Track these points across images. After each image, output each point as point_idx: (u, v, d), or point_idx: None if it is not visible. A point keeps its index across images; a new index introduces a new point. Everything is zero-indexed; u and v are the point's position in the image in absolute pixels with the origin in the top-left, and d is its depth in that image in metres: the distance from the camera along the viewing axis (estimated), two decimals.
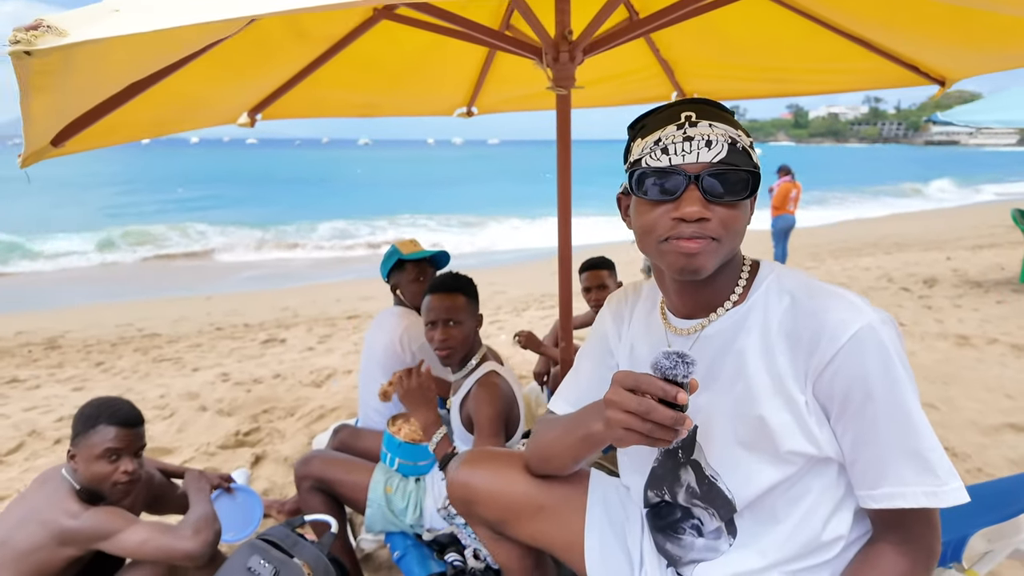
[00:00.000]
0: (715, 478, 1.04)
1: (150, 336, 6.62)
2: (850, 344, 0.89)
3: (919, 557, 0.93)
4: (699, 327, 1.04)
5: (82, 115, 1.54)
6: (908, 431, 0.89)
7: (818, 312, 0.92)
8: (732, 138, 0.93)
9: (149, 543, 1.55)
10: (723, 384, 1.01)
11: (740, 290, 1.02)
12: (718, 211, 0.92)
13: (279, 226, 17.84)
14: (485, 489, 1.28)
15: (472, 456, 1.36)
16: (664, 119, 0.96)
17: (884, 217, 18.95)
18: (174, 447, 3.16)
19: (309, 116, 2.94)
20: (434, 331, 1.84)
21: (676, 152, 0.92)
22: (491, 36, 1.99)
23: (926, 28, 1.97)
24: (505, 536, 1.31)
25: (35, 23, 0.66)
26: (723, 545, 1.07)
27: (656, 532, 1.18)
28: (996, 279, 6.93)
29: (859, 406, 0.90)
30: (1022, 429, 3.09)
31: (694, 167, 0.91)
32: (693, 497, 1.08)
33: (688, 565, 1.11)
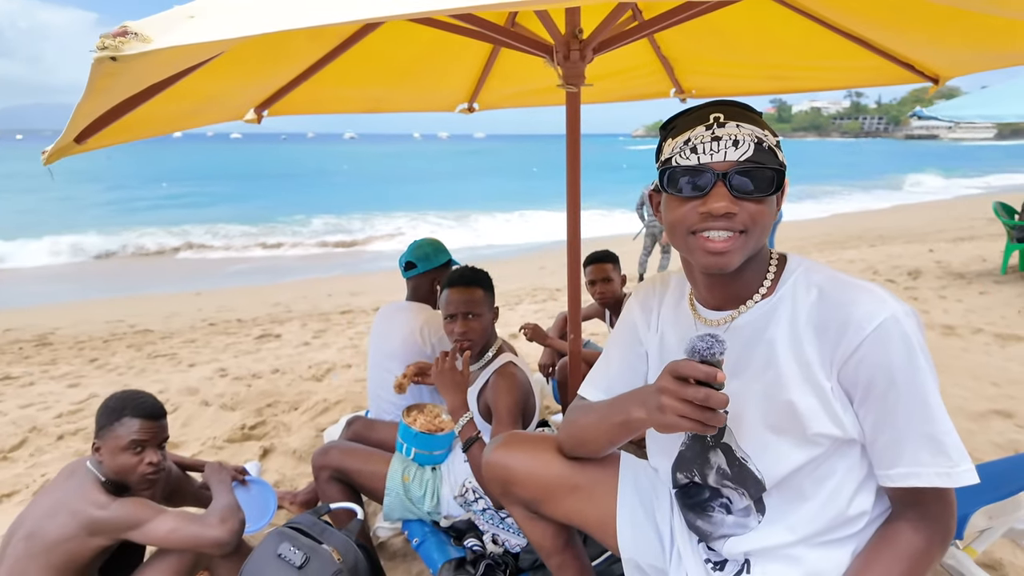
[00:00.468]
0: (745, 460, 1.09)
1: (142, 332, 6.58)
2: (875, 334, 0.94)
3: (935, 534, 0.99)
4: (729, 318, 1.09)
5: (105, 112, 1.56)
6: (926, 416, 0.94)
7: (845, 304, 0.97)
8: (759, 137, 0.98)
9: (177, 532, 1.58)
10: (753, 372, 1.06)
11: (768, 283, 1.07)
12: (745, 206, 0.97)
13: (265, 222, 17.72)
14: (522, 469, 1.34)
15: (508, 439, 1.41)
16: (694, 120, 1.01)
17: (867, 211, 19.22)
18: (180, 441, 3.18)
19: (314, 112, 2.97)
20: (454, 324, 1.89)
21: (705, 151, 0.97)
22: (502, 34, 2.02)
23: (923, 27, 2.03)
24: (539, 515, 1.37)
25: (121, 30, 0.70)
26: (752, 522, 1.12)
27: (686, 510, 1.23)
28: (978, 270, 7.09)
29: (881, 392, 0.95)
30: (1008, 415, 3.20)
31: (722, 165, 0.97)
32: (724, 478, 1.13)
33: (719, 540, 1.17)
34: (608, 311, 3.02)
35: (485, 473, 1.40)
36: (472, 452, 1.77)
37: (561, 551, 1.40)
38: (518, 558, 1.79)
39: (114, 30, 0.70)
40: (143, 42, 0.70)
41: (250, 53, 1.94)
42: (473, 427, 1.80)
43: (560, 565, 1.41)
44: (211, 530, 1.60)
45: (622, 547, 1.30)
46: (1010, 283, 6.26)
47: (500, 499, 1.41)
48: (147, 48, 0.70)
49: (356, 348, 5.26)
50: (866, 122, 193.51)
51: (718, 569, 1.16)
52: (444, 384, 1.85)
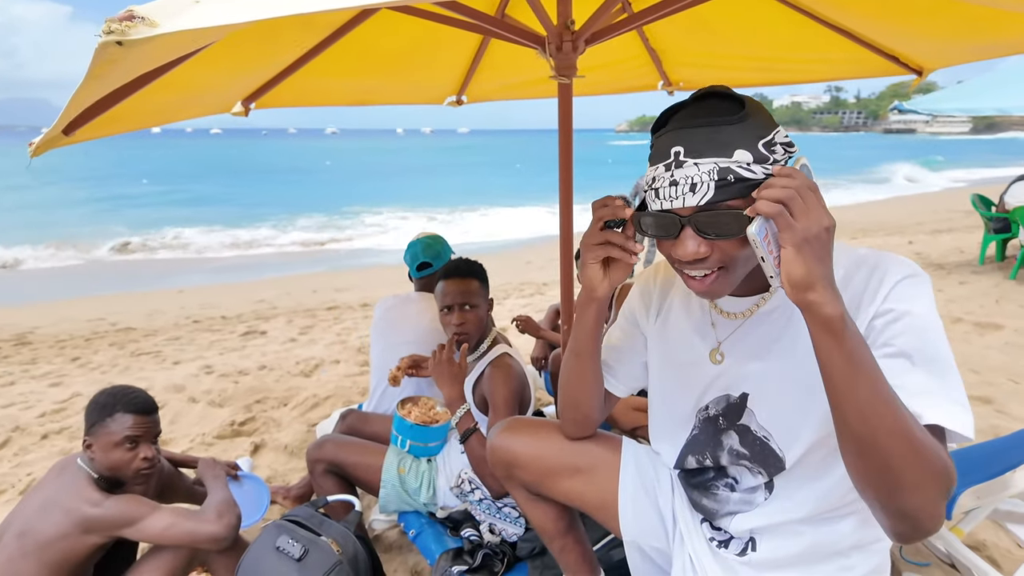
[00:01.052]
0: (768, 439, 1.08)
1: (124, 330, 6.48)
2: (899, 286, 0.92)
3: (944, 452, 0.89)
4: (754, 307, 1.08)
5: (93, 103, 1.54)
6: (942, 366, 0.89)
7: (875, 268, 0.96)
8: (721, 172, 0.89)
9: (174, 528, 1.57)
10: (779, 353, 1.05)
11: None
12: (718, 245, 0.93)
13: (248, 218, 17.53)
14: (525, 452, 1.36)
15: (512, 423, 1.43)
16: (658, 154, 0.96)
17: (848, 205, 19.47)
18: (169, 438, 3.14)
19: (301, 105, 2.94)
20: (450, 315, 1.89)
21: (665, 196, 0.93)
22: (493, 25, 2.02)
23: (908, 19, 2.07)
24: (541, 498, 1.39)
25: (127, 14, 0.69)
26: (758, 498, 1.12)
27: (690, 489, 1.24)
28: (957, 261, 7.23)
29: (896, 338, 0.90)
30: (988, 401, 3.28)
31: (682, 210, 0.92)
32: (740, 458, 1.13)
33: (725, 517, 1.17)
34: None
35: (490, 457, 1.41)
36: (470, 444, 1.78)
37: (563, 535, 1.41)
38: (515, 547, 1.80)
39: (120, 14, 0.69)
40: (150, 26, 0.69)
41: (240, 43, 1.92)
42: (470, 418, 1.81)
43: (562, 548, 1.42)
44: (208, 525, 1.59)
45: (624, 529, 1.32)
46: (987, 273, 6.40)
47: (504, 482, 1.43)
48: (154, 32, 0.69)
49: (344, 344, 5.23)
50: (845, 116, 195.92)
51: (723, 547, 1.18)
52: (442, 376, 1.86)
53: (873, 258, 0.99)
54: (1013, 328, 4.48)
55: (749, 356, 1.09)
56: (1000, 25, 1.83)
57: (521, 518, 1.85)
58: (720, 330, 1.13)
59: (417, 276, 2.56)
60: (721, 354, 1.12)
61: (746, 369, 1.09)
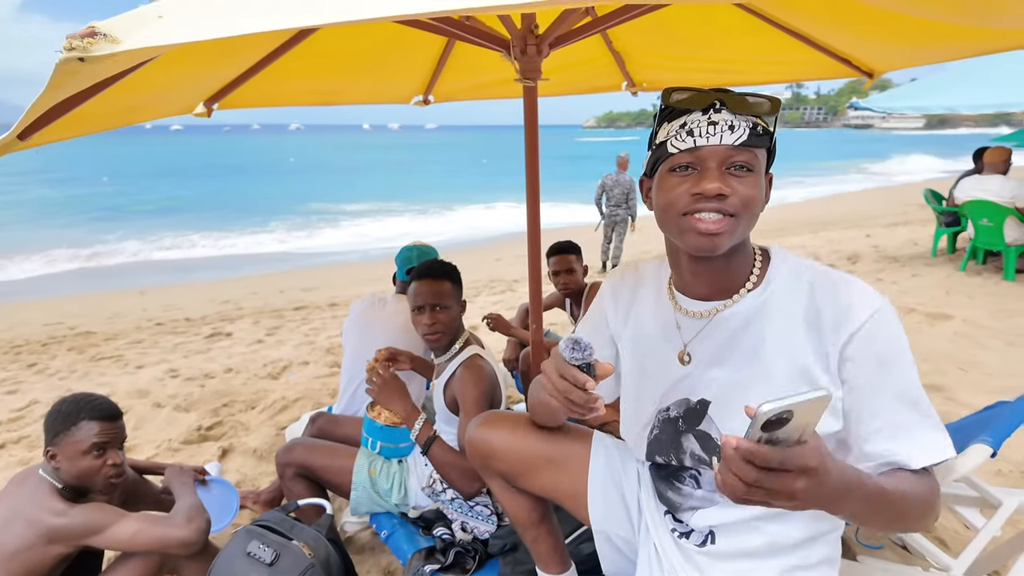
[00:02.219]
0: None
1: (84, 334, 6.31)
2: (869, 324, 0.98)
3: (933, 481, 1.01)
4: (715, 311, 1.11)
5: (51, 108, 1.51)
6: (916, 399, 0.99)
7: (839, 297, 1.01)
8: (755, 123, 1.01)
9: (142, 534, 1.56)
10: (739, 362, 1.08)
11: (756, 276, 1.10)
12: (737, 190, 0.99)
13: (209, 216, 17.16)
14: (501, 444, 1.41)
15: (489, 417, 1.48)
16: (692, 105, 1.02)
17: (808, 199, 19.97)
18: (133, 445, 3.09)
19: (265, 105, 2.91)
20: (422, 316, 1.91)
21: (701, 134, 0.99)
22: (458, 28, 2.03)
23: (858, 25, 2.15)
24: (516, 488, 1.44)
25: (89, 30, 0.69)
26: (719, 496, 1.16)
27: (658, 481, 1.28)
28: (911, 254, 7.50)
29: (875, 379, 0.99)
30: (939, 389, 3.43)
31: (717, 148, 0.99)
32: (700, 463, 1.17)
33: (687, 511, 1.22)
34: (569, 300, 3.08)
35: (468, 449, 1.46)
36: (432, 452, 1.83)
37: (536, 525, 1.46)
38: (487, 544, 1.83)
39: (81, 30, 0.69)
40: (112, 43, 0.69)
41: (202, 46, 1.90)
42: (429, 428, 1.86)
43: (535, 539, 1.47)
44: (177, 530, 1.58)
45: (593, 519, 1.37)
46: (939, 265, 6.65)
47: (481, 472, 1.48)
48: (116, 49, 0.69)
49: (313, 345, 5.18)
50: (806, 112, 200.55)
51: (684, 538, 1.22)
52: (388, 396, 1.92)
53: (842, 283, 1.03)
54: (961, 318, 4.68)
55: (712, 361, 1.12)
56: (941, 34, 1.93)
57: (493, 516, 1.88)
58: (685, 331, 1.16)
59: (403, 279, 2.58)
60: (688, 355, 1.15)
61: (709, 375, 1.12)
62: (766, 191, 1.07)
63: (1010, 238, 5.70)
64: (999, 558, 1.81)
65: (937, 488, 1.00)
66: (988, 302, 5.10)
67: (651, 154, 1.09)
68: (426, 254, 2.58)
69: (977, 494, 1.85)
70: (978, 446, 1.47)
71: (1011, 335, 4.26)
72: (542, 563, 1.48)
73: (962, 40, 2.01)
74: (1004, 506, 1.75)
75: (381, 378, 1.94)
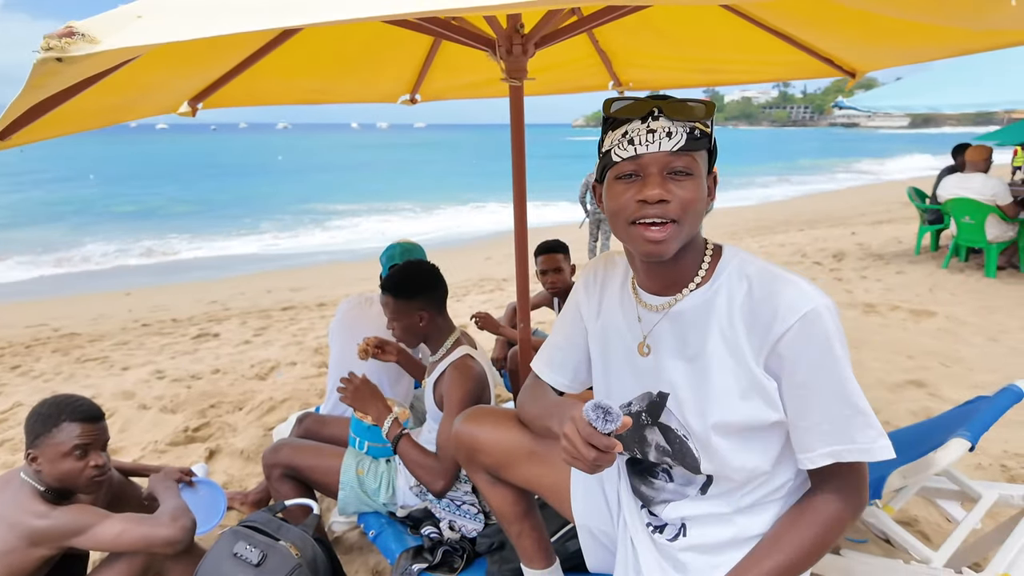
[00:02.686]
0: (686, 437, 1.16)
1: (68, 336, 6.23)
2: (798, 325, 1.01)
3: (850, 502, 1.09)
4: (668, 305, 1.16)
5: (32, 107, 1.50)
6: (845, 400, 1.03)
7: (773, 295, 1.05)
8: (691, 128, 1.04)
9: (127, 534, 1.55)
10: (691, 354, 1.13)
11: (704, 272, 1.14)
12: (678, 195, 1.03)
13: (195, 215, 17.04)
14: (486, 438, 1.44)
15: (475, 412, 1.51)
16: (634, 111, 1.06)
17: (796, 196, 20.14)
18: (119, 447, 3.06)
19: (251, 104, 2.89)
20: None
21: (641, 142, 1.03)
22: (444, 27, 2.04)
23: (840, 26, 2.18)
24: (501, 482, 1.46)
25: (67, 30, 0.69)
26: (691, 490, 1.21)
27: (632, 476, 1.32)
28: (895, 251, 7.58)
29: (803, 380, 1.03)
30: (921, 385, 3.47)
31: (656, 155, 1.03)
32: (664, 455, 1.22)
33: (659, 505, 1.25)
34: (557, 299, 3.09)
35: (454, 443, 1.48)
36: (400, 449, 1.87)
37: (521, 519, 1.47)
38: (475, 543, 1.83)
39: (59, 30, 0.69)
40: (90, 43, 0.69)
41: (184, 45, 1.89)
42: (398, 425, 1.90)
43: (519, 533, 1.48)
44: (162, 529, 1.57)
45: (575, 513, 1.40)
46: (923, 263, 6.74)
47: (466, 466, 1.50)
48: (95, 49, 0.69)
49: (300, 345, 5.16)
50: (793, 111, 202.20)
51: (658, 532, 1.25)
52: (362, 401, 1.95)
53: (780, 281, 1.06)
54: (944, 315, 4.74)
55: (668, 353, 1.16)
56: (921, 35, 1.95)
57: (480, 514, 1.89)
58: (645, 324, 1.20)
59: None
60: (648, 347, 1.19)
61: (666, 367, 1.16)
62: (711, 190, 1.12)
63: (991, 235, 5.78)
64: (979, 550, 1.84)
65: (843, 509, 1.08)
66: (970, 298, 5.18)
67: (599, 162, 1.13)
68: (410, 252, 2.57)
69: (957, 487, 1.88)
70: (957, 440, 1.50)
71: (992, 331, 4.33)
72: (526, 558, 1.49)
73: (941, 41, 2.04)
74: (983, 499, 1.78)
75: (352, 385, 1.97)
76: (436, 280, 2.01)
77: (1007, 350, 3.96)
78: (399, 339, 2.01)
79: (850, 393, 1.03)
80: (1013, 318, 4.58)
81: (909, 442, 1.88)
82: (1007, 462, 2.60)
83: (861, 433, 1.03)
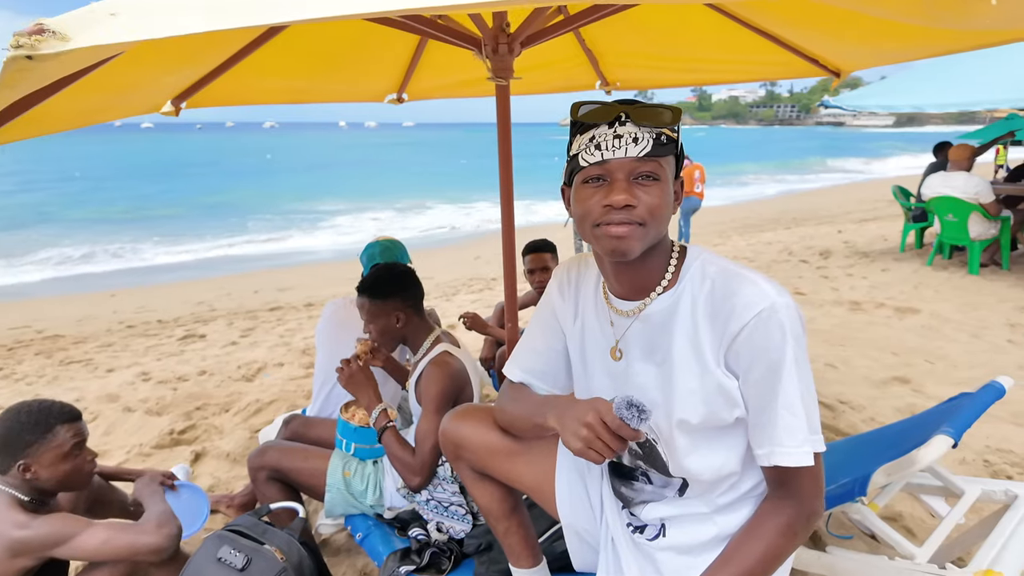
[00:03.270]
0: (655, 441, 1.17)
1: (52, 338, 6.16)
2: (753, 322, 1.02)
3: (801, 509, 1.09)
4: (638, 309, 1.16)
5: (8, 106, 1.47)
6: (782, 400, 1.03)
7: (731, 295, 1.05)
8: (658, 133, 1.04)
9: (111, 542, 1.53)
10: (659, 358, 1.13)
11: (670, 274, 1.14)
12: (644, 200, 1.03)
13: (184, 216, 16.87)
14: (471, 435, 1.44)
15: (461, 410, 1.51)
16: (599, 118, 1.06)
17: (783, 195, 20.29)
18: (103, 450, 3.02)
19: (235, 104, 2.86)
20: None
21: (607, 148, 1.04)
22: (430, 26, 2.03)
23: (826, 27, 2.19)
24: (488, 479, 1.46)
25: (37, 27, 0.67)
26: (669, 492, 1.22)
27: (614, 477, 1.32)
28: (881, 249, 7.66)
29: (757, 377, 1.04)
30: (905, 381, 3.51)
31: (622, 161, 1.03)
32: (636, 458, 1.23)
33: (639, 505, 1.26)
34: None
35: (441, 440, 1.50)
36: (384, 439, 1.88)
37: (507, 516, 1.47)
38: (462, 544, 1.83)
39: (29, 27, 0.67)
40: (61, 40, 0.68)
41: (166, 44, 1.86)
42: (385, 416, 1.90)
43: (506, 531, 1.48)
44: (147, 536, 1.55)
45: (561, 513, 1.40)
46: (907, 260, 6.81)
47: (453, 463, 1.51)
48: (65, 47, 0.68)
49: (288, 346, 5.12)
50: (780, 110, 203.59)
51: (639, 532, 1.26)
52: (356, 386, 1.95)
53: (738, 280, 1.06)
54: (929, 312, 4.79)
55: (637, 357, 1.17)
56: (904, 35, 1.97)
57: (468, 515, 1.88)
58: (617, 328, 1.20)
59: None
60: (620, 351, 1.19)
61: (637, 371, 1.17)
62: (678, 194, 1.13)
63: (974, 233, 5.85)
64: (963, 545, 1.86)
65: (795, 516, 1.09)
66: (954, 296, 5.24)
67: (567, 165, 1.13)
68: (390, 249, 2.55)
69: (941, 483, 1.90)
70: (940, 437, 1.51)
71: (975, 328, 4.38)
72: (513, 556, 1.49)
73: (924, 41, 2.06)
74: (966, 495, 1.80)
75: (350, 368, 1.96)
76: (411, 280, 2.01)
77: (989, 346, 4.01)
78: (376, 342, 2.02)
79: (788, 394, 1.02)
80: (995, 314, 4.64)
81: (893, 439, 1.90)
82: (990, 457, 2.63)
83: (789, 436, 1.03)
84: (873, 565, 1.65)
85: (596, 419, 1.02)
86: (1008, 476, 2.50)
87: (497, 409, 1.43)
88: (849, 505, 1.70)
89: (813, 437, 1.04)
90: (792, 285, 5.99)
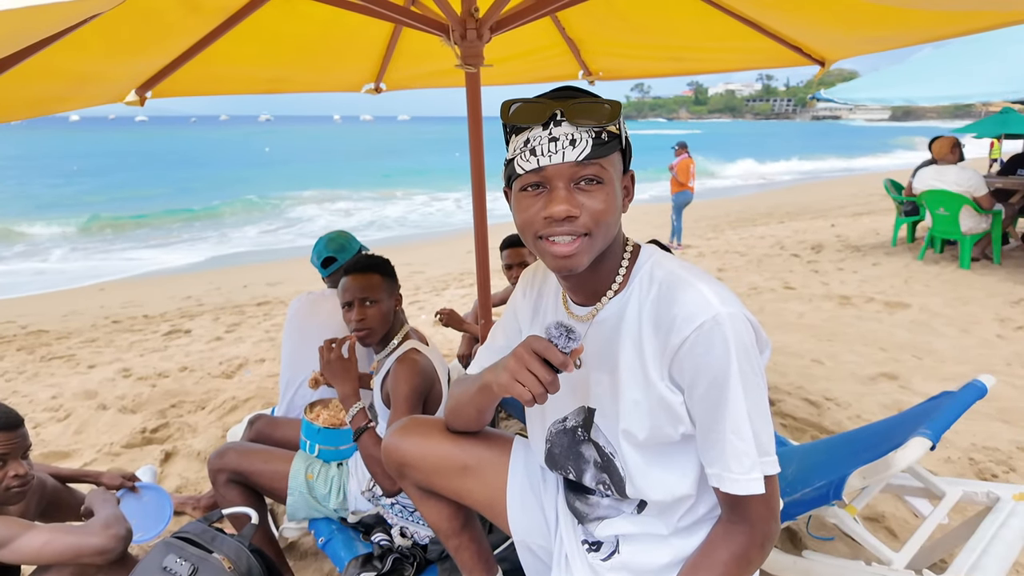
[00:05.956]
0: (613, 455, 1.11)
1: (36, 333, 6.07)
2: (694, 335, 0.93)
3: (754, 535, 1.01)
4: (591, 315, 1.09)
5: None
6: (729, 422, 0.95)
7: (673, 304, 0.97)
8: (597, 132, 0.95)
9: (51, 544, 1.46)
10: (610, 366, 1.06)
11: (620, 277, 1.07)
12: (587, 207, 0.95)
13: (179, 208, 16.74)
14: (415, 452, 1.35)
15: (406, 424, 1.41)
16: (533, 118, 0.96)
17: (777, 188, 20.23)
18: (72, 450, 2.95)
19: (206, 94, 2.78)
20: (351, 312, 1.84)
21: (543, 152, 0.94)
22: (395, 12, 1.95)
23: (807, 11, 2.12)
24: (436, 496, 1.38)
25: None
26: (625, 507, 1.15)
27: (568, 492, 1.26)
28: (872, 243, 7.61)
29: (700, 393, 0.96)
30: (893, 377, 3.46)
31: (560, 167, 0.94)
32: (601, 471, 1.14)
33: (593, 521, 1.19)
34: None
35: (384, 457, 1.40)
36: (362, 441, 1.75)
37: (458, 533, 1.40)
38: (426, 549, 1.77)
39: None
40: None
41: (118, 28, 1.79)
42: (364, 416, 1.78)
43: (457, 547, 1.41)
44: (92, 538, 1.48)
45: (513, 529, 1.32)
46: (899, 254, 6.76)
47: (398, 481, 1.42)
48: None
49: (272, 341, 5.05)
50: (776, 104, 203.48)
51: (593, 550, 1.19)
52: (333, 374, 1.82)
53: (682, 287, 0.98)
54: (918, 307, 4.74)
55: (593, 365, 1.10)
56: (888, 21, 1.90)
57: None
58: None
59: (325, 274, 2.47)
60: (579, 360, 1.09)
61: (593, 379, 1.10)
62: (629, 190, 1.05)
63: (965, 227, 5.79)
64: (945, 547, 1.81)
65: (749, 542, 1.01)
66: (944, 290, 5.19)
67: (504, 170, 1.04)
68: (335, 239, 2.47)
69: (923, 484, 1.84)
70: (917, 439, 1.45)
71: (964, 322, 4.33)
72: (467, 570, 1.42)
73: (910, 26, 1.99)
74: (947, 497, 1.75)
75: (332, 354, 1.84)
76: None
77: (978, 341, 3.96)
78: (370, 327, 1.86)
79: (735, 414, 0.94)
80: (985, 309, 4.59)
81: (871, 440, 1.84)
82: (975, 455, 2.58)
83: (736, 462, 0.95)
84: (849, 570, 1.60)
85: (523, 348, 0.96)
86: (993, 475, 2.45)
87: (446, 408, 1.36)
88: (824, 509, 1.64)
89: (764, 460, 0.96)
90: (782, 279, 5.93)
